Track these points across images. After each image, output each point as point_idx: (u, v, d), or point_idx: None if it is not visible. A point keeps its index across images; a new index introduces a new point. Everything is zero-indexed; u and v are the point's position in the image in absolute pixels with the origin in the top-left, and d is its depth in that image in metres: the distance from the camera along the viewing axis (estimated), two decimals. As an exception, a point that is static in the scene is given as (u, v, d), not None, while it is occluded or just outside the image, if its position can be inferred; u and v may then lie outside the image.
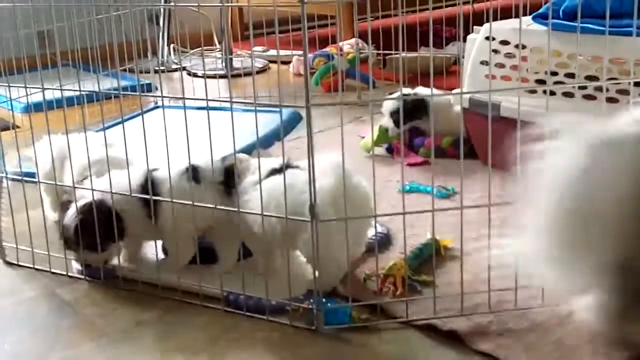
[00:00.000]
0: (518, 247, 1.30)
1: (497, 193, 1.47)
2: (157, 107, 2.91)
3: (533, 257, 1.26)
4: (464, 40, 2.19)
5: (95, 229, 1.58)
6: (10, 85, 1.76)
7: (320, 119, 1.42)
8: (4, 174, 1.82)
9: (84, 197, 1.63)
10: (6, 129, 2.40)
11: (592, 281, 1.20)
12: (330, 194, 1.44)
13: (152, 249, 1.74)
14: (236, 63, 3.68)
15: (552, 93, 1.91)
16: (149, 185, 1.56)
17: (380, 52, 3.24)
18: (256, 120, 1.44)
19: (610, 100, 1.82)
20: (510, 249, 1.29)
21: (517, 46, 1.95)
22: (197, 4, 1.86)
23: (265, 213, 1.46)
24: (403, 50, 1.71)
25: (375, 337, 1.42)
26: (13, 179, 1.82)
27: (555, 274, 1.27)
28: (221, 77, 3.18)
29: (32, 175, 1.87)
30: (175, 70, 3.75)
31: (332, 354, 1.39)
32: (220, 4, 3.08)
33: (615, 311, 1.18)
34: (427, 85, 2.73)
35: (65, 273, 1.71)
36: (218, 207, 1.53)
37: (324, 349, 1.40)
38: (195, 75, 3.65)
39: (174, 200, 1.54)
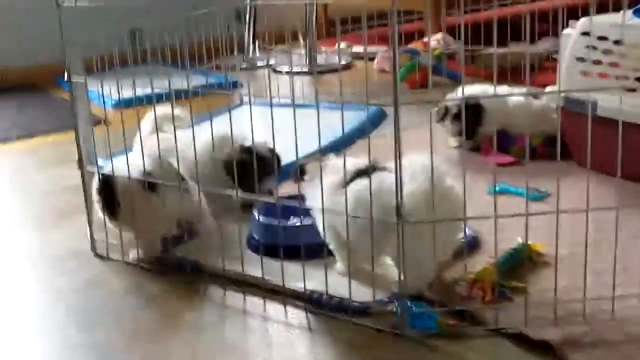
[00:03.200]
0: None
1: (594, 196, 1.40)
2: (243, 104, 2.93)
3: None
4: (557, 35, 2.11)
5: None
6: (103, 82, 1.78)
7: (405, 116, 1.37)
8: (97, 168, 1.85)
9: None
10: (98, 123, 2.45)
11: None
12: (422, 198, 1.40)
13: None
14: (321, 60, 3.66)
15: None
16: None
17: (469, 47, 3.16)
18: (342, 118, 1.41)
19: None
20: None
21: (616, 42, 1.86)
22: (284, 0, 1.85)
23: (352, 215, 1.43)
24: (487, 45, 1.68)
25: (462, 344, 1.37)
26: (104, 174, 1.84)
27: None
28: (306, 74, 3.17)
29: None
30: (261, 67, 3.77)
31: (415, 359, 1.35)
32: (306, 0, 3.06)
33: None
34: (517, 81, 2.68)
35: (150, 267, 1.73)
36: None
37: (407, 355, 1.36)
38: (279, 72, 3.65)
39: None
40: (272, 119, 1.49)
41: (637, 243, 1.46)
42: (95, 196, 1.81)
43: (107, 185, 1.74)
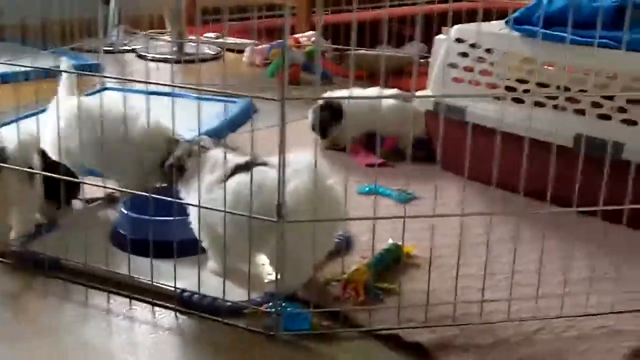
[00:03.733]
0: None
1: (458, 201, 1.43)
2: (105, 89, 2.80)
3: None
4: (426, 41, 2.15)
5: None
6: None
7: (270, 113, 1.35)
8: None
9: None
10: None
11: None
12: (305, 197, 1.37)
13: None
14: (191, 49, 3.56)
15: (521, 101, 1.88)
16: None
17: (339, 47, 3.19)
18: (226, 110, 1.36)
19: (579, 112, 1.80)
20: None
21: (487, 50, 1.91)
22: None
23: (229, 211, 1.38)
24: (357, 47, 1.68)
25: (336, 345, 1.36)
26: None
27: None
28: (176, 62, 3.08)
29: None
30: (125, 52, 3.62)
31: (288, 361, 1.32)
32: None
33: None
34: (385, 85, 2.72)
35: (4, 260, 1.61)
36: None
37: (280, 356, 1.34)
38: (145, 58, 3.52)
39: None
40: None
41: (503, 248, 1.51)
42: None
43: None
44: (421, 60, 3.25)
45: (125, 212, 1.67)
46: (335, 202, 1.43)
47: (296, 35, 3.40)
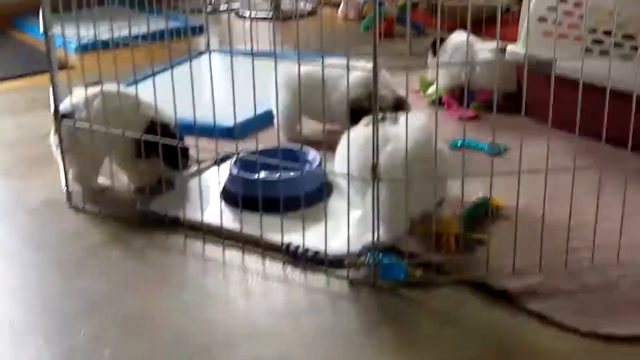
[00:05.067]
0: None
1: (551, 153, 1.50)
2: (209, 51, 2.95)
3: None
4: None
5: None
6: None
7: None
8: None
9: None
10: (62, 68, 2.44)
11: None
12: (417, 153, 1.52)
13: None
14: (289, 5, 3.65)
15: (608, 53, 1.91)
16: None
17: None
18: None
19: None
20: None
21: (576, 4, 1.94)
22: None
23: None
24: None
25: (429, 293, 1.48)
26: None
27: None
28: (275, 19, 3.16)
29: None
30: (224, 11, 3.75)
31: (385, 307, 1.46)
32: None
33: None
34: (478, 33, 2.75)
35: (130, 219, 1.79)
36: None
37: (378, 303, 1.47)
38: (243, 17, 3.65)
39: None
40: (232, 70, 1.55)
41: (590, 199, 1.57)
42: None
43: None
44: (514, 9, 3.26)
45: (236, 172, 1.82)
46: (442, 163, 1.56)
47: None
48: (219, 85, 1.70)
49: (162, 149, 1.75)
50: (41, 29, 1.83)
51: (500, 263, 1.51)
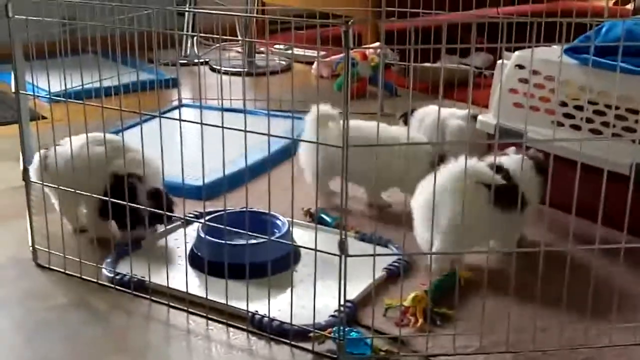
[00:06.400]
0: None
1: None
2: (183, 105, 2.94)
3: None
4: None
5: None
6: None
7: None
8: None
9: None
10: (34, 119, 2.40)
11: None
12: None
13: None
14: (262, 61, 3.67)
15: (579, 127, 1.94)
16: None
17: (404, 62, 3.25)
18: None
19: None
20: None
21: (547, 78, 1.97)
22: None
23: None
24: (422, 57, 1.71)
25: (395, 369, 1.47)
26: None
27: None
28: (247, 74, 3.18)
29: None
30: (197, 64, 3.75)
31: (351, 383, 1.43)
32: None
33: None
34: (451, 97, 2.79)
35: (95, 280, 1.76)
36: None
37: (343, 378, 1.45)
38: (218, 71, 3.65)
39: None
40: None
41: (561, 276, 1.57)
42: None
43: None
44: (486, 73, 3.31)
45: (203, 235, 1.80)
46: None
47: (363, 47, 3.48)
48: (191, 142, 1.68)
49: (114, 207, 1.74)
50: (12, 88, 1.81)
51: (468, 340, 1.50)
